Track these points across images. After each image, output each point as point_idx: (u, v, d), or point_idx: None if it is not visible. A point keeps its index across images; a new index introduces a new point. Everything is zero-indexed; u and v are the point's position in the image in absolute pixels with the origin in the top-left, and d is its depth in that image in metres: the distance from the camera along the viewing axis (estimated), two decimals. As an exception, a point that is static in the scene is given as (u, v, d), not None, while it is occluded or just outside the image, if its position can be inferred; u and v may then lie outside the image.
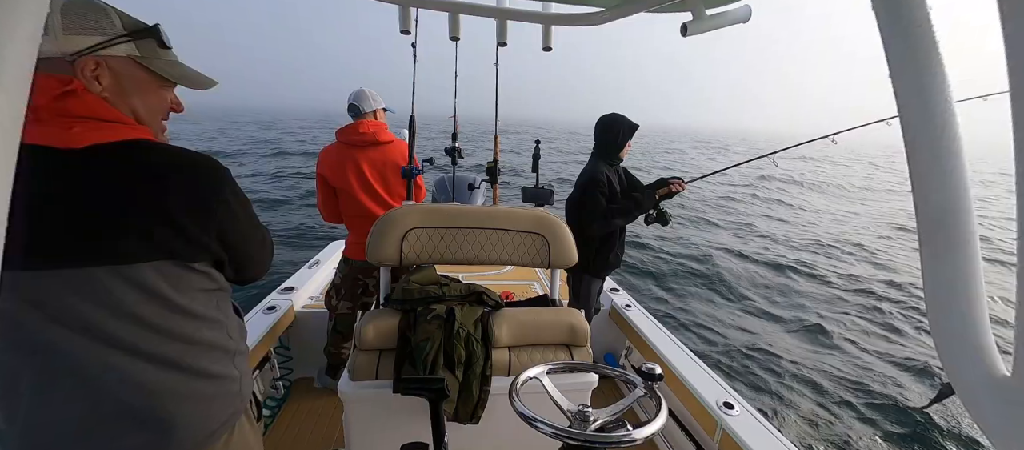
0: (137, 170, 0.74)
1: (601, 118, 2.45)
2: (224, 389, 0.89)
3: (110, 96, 0.76)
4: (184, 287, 0.81)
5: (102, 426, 0.76)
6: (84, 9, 0.73)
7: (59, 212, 0.70)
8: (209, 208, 0.80)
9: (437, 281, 1.66)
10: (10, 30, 0.20)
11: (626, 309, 2.80)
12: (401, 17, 1.63)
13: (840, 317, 6.27)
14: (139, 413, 0.78)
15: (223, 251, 0.84)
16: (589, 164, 2.46)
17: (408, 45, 2.21)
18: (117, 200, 0.72)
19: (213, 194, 0.80)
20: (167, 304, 0.79)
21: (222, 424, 0.89)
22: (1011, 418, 0.31)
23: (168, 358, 0.80)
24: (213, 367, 0.86)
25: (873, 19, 0.34)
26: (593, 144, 2.48)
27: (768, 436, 1.70)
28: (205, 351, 0.85)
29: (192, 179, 0.78)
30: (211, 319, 0.86)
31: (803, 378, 4.64)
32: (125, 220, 0.73)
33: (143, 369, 0.78)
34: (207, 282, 0.85)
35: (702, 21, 1.03)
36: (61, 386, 0.74)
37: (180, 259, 0.79)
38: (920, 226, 0.34)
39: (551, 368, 1.11)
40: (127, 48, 0.77)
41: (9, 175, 0.21)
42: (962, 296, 0.33)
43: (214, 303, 0.88)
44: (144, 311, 0.77)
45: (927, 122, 0.32)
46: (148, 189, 0.74)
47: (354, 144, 2.17)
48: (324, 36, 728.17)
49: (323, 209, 2.30)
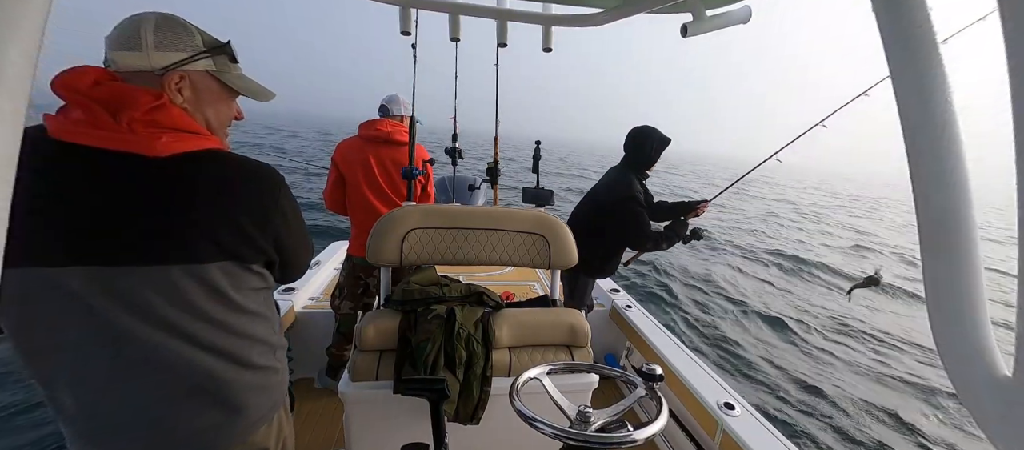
0: (211, 179, 0.82)
1: (634, 130, 2.45)
2: (270, 380, 0.96)
3: (189, 107, 0.84)
4: (242, 285, 0.88)
5: (172, 409, 0.83)
6: (173, 27, 0.81)
7: (142, 214, 0.77)
8: (269, 216, 0.88)
9: (437, 281, 1.66)
10: (11, 30, 0.20)
11: (626, 310, 2.80)
12: (401, 18, 1.63)
13: (841, 317, 6.27)
14: (206, 399, 0.85)
15: (276, 254, 0.92)
16: (619, 174, 2.45)
17: (407, 46, 2.23)
18: (193, 206, 0.79)
19: (273, 203, 0.88)
20: (228, 301, 0.86)
21: (269, 411, 0.96)
22: (1011, 418, 0.31)
23: (227, 350, 0.87)
24: (262, 360, 0.94)
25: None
26: (622, 156, 2.48)
27: (769, 437, 1.70)
28: (256, 344, 0.92)
29: (256, 189, 0.86)
30: (261, 315, 0.93)
31: (804, 377, 4.64)
32: (199, 224, 0.80)
33: (206, 359, 0.84)
34: (260, 281, 0.92)
35: (702, 22, 1.03)
36: (136, 373, 0.80)
37: (241, 261, 0.86)
38: (920, 226, 0.34)
39: (551, 368, 1.11)
40: (206, 63, 0.85)
41: (10, 175, 0.21)
42: (962, 296, 0.33)
43: (263, 300, 0.94)
44: (208, 307, 0.83)
45: (927, 122, 0.32)
46: (219, 197, 0.82)
47: (369, 139, 2.23)
48: (310, 34, 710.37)
49: (328, 196, 2.34)
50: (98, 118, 0.73)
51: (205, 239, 0.81)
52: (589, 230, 2.39)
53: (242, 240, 0.85)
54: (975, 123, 38.90)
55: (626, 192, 2.37)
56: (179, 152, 0.78)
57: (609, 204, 2.40)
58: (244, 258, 0.86)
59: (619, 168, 2.49)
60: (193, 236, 0.80)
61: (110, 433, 0.81)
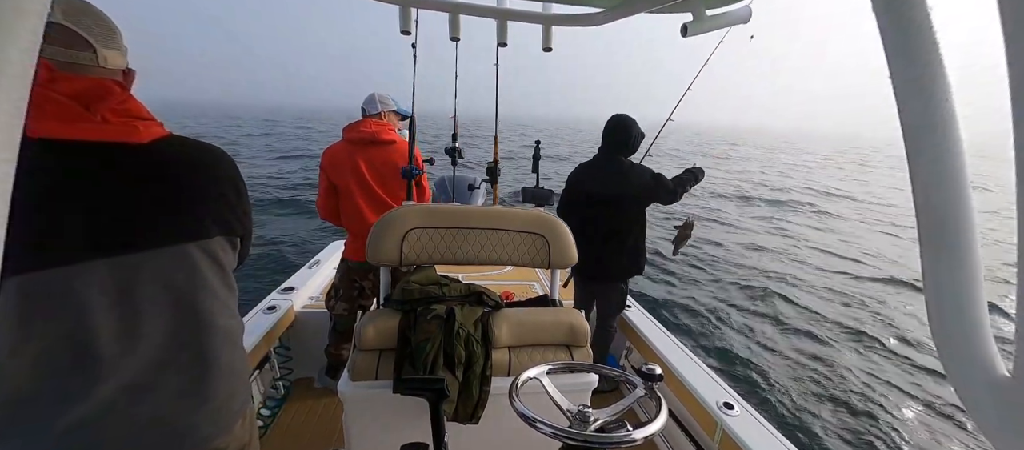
0: (190, 160, 0.86)
1: (619, 118, 2.46)
2: (245, 367, 0.99)
3: None
4: (230, 261, 0.93)
5: (197, 385, 0.86)
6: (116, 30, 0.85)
7: (149, 198, 0.80)
8: (239, 189, 0.94)
9: (437, 281, 1.66)
10: (11, 30, 0.20)
11: (626, 310, 2.80)
12: (401, 17, 1.63)
13: (841, 317, 6.27)
14: (219, 375, 0.88)
15: (245, 226, 0.96)
16: (620, 164, 2.44)
17: (407, 45, 2.21)
18: (189, 184, 0.84)
19: (239, 177, 0.95)
20: (225, 276, 0.91)
21: (243, 404, 0.98)
22: (1011, 418, 0.31)
23: (229, 329, 0.91)
24: (240, 342, 0.97)
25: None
26: (611, 144, 2.47)
27: (768, 436, 1.70)
28: (239, 325, 0.96)
29: (225, 165, 0.92)
30: (235, 295, 0.96)
31: (803, 379, 4.64)
32: (197, 201, 0.85)
33: (215, 338, 0.87)
34: (235, 258, 0.96)
35: (702, 22, 1.03)
36: (164, 356, 0.81)
37: (231, 234, 0.92)
38: (920, 226, 0.34)
39: (551, 368, 1.11)
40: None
41: (9, 175, 0.21)
42: (962, 296, 0.33)
43: (234, 281, 0.97)
44: (215, 282, 0.88)
45: (927, 122, 0.32)
46: (203, 175, 0.87)
47: (355, 142, 2.17)
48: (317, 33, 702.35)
49: (322, 206, 2.29)
50: (72, 112, 0.73)
51: (206, 215, 0.86)
52: (627, 230, 2.44)
53: (230, 213, 0.90)
54: (975, 123, 38.96)
55: (645, 174, 2.41)
56: (157, 138, 0.81)
57: (643, 195, 2.42)
58: (233, 230, 0.92)
59: (613, 157, 2.46)
60: (199, 213, 0.85)
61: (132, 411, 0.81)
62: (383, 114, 2.27)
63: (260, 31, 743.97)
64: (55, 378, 0.72)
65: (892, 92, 0.34)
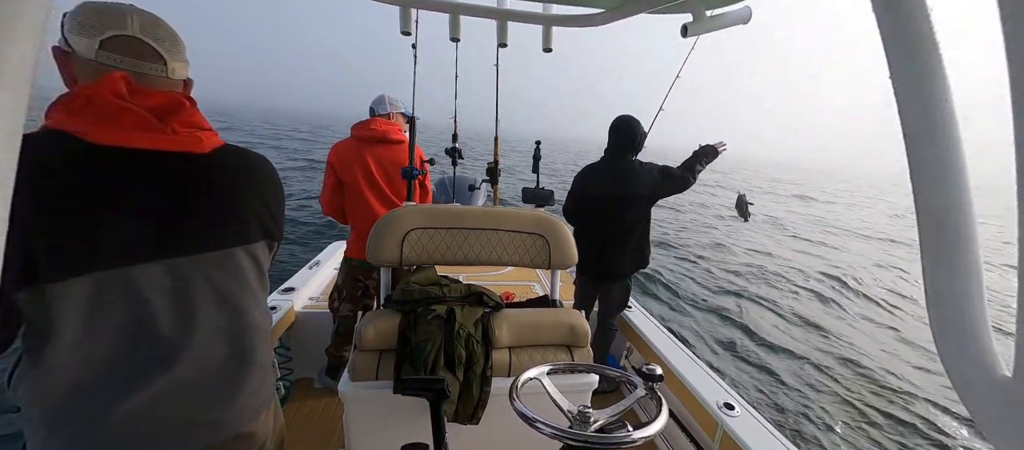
0: (242, 167, 0.93)
1: (625, 119, 2.48)
2: (272, 360, 1.05)
3: None
4: (267, 261, 0.99)
5: (233, 380, 0.91)
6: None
7: (207, 205, 0.86)
8: (279, 195, 1.00)
9: (437, 281, 1.65)
10: (11, 30, 0.20)
11: (627, 310, 2.80)
12: (401, 18, 1.63)
13: (842, 317, 6.27)
14: (254, 366, 0.94)
15: (281, 231, 1.02)
16: (631, 162, 2.47)
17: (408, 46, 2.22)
18: (238, 191, 0.90)
19: (280, 184, 1.01)
20: (261, 276, 0.97)
21: (273, 390, 1.03)
22: (1011, 418, 0.31)
23: (263, 327, 0.97)
24: (268, 337, 1.01)
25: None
26: (615, 144, 2.49)
27: (769, 437, 1.70)
28: (269, 320, 1.02)
29: (269, 172, 0.99)
30: (267, 292, 1.01)
31: (804, 378, 4.64)
32: (245, 208, 0.91)
33: (254, 331, 0.93)
34: (270, 259, 1.02)
35: (702, 22, 1.03)
36: (210, 341, 0.86)
37: (271, 238, 0.98)
38: (920, 227, 0.34)
39: (551, 369, 1.11)
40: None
41: (10, 175, 0.21)
42: (963, 296, 0.33)
43: (267, 279, 1.03)
44: (254, 282, 0.94)
45: (927, 122, 0.32)
46: (251, 182, 0.93)
47: (364, 139, 2.20)
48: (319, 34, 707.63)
49: (327, 202, 2.29)
50: (148, 123, 0.77)
51: (252, 221, 0.92)
52: (634, 227, 2.46)
53: (271, 219, 0.96)
54: (975, 123, 38.97)
55: (653, 170, 2.45)
56: (215, 147, 0.87)
57: (657, 191, 2.45)
58: (273, 235, 0.98)
59: (622, 158, 2.48)
60: (247, 219, 0.91)
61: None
62: (392, 115, 2.31)
63: (255, 29, 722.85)
64: (114, 371, 0.77)
65: (892, 92, 0.34)
